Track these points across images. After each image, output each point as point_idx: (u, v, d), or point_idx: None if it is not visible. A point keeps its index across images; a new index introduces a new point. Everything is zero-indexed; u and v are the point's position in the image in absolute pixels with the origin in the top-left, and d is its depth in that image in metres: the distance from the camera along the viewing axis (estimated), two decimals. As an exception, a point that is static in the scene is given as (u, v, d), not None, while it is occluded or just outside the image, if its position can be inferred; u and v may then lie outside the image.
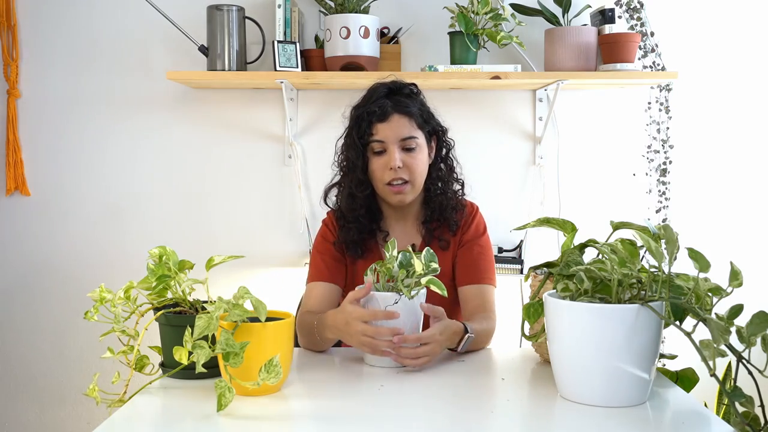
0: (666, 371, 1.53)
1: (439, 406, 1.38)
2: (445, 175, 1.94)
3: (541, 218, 1.51)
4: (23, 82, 2.72)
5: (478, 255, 1.90)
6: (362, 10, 2.54)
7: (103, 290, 1.47)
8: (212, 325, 1.29)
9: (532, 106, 2.74)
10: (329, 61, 2.53)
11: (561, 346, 1.34)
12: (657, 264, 1.27)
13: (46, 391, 2.79)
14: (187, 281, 1.48)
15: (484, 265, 1.90)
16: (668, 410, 1.35)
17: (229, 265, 2.43)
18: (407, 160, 1.84)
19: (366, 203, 1.90)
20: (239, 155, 2.75)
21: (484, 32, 2.51)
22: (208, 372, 1.36)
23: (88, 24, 2.72)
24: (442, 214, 1.91)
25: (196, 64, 2.66)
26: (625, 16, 2.60)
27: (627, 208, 2.70)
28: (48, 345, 2.79)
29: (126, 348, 1.48)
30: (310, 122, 2.75)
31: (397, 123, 1.84)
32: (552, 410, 1.34)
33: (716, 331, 1.17)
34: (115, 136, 2.74)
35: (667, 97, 2.67)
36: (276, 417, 1.30)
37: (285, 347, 1.39)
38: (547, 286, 1.49)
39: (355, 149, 1.86)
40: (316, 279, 1.90)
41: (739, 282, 1.24)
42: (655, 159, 2.70)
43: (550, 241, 2.73)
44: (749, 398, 1.19)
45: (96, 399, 1.39)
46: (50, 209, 2.76)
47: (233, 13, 2.54)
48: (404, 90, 1.89)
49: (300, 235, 2.75)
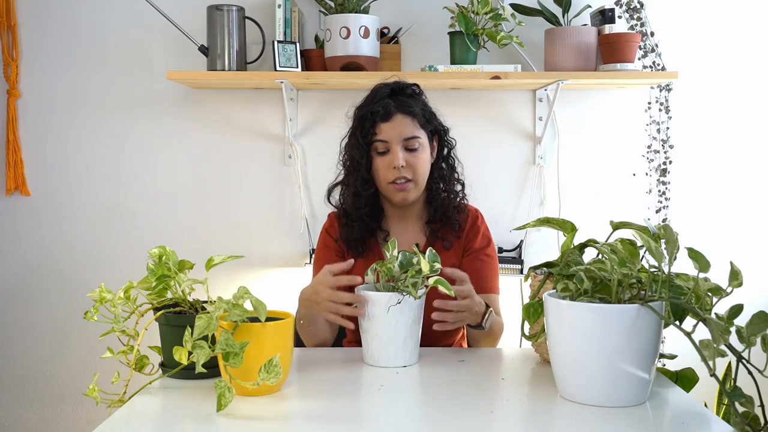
0: (666, 371, 1.53)
1: (439, 406, 1.38)
2: (447, 175, 1.96)
3: (541, 218, 1.51)
4: (23, 82, 2.73)
5: (485, 265, 1.93)
6: (362, 10, 2.54)
7: (102, 290, 1.47)
8: (212, 325, 1.29)
9: (532, 106, 2.74)
10: (329, 61, 2.53)
11: (561, 346, 1.34)
12: (657, 264, 1.27)
13: (46, 391, 2.79)
14: (187, 281, 1.48)
15: (490, 275, 1.93)
16: (668, 410, 1.35)
17: (229, 265, 2.45)
18: (410, 160, 1.85)
19: (370, 202, 1.91)
20: (239, 155, 2.75)
21: (484, 32, 2.51)
22: (208, 372, 1.36)
23: (88, 24, 2.72)
24: (445, 214, 1.92)
25: (196, 64, 2.66)
26: (625, 16, 2.60)
27: (627, 208, 2.70)
28: (48, 345, 2.78)
29: (126, 348, 1.48)
30: (310, 122, 2.75)
31: (400, 123, 1.85)
32: (552, 410, 1.34)
33: (716, 331, 1.17)
34: (116, 136, 2.74)
35: (667, 97, 2.67)
36: (276, 417, 1.30)
37: (285, 347, 1.39)
38: (547, 286, 1.49)
39: (358, 149, 1.87)
40: None
41: (739, 282, 1.24)
42: (655, 159, 2.70)
43: (550, 241, 2.73)
44: (749, 398, 1.18)
45: (96, 399, 1.39)
46: (50, 209, 2.76)
47: (233, 13, 2.54)
48: (407, 90, 1.91)
49: (300, 235, 2.75)
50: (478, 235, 1.95)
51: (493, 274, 1.94)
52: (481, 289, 1.89)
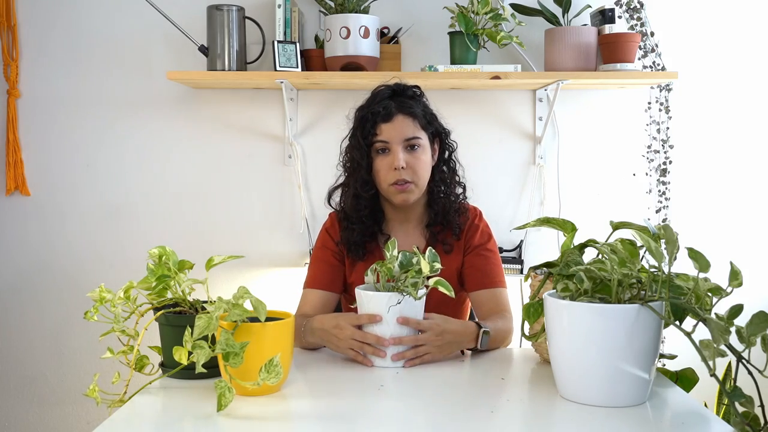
0: (666, 371, 1.53)
1: (439, 405, 1.38)
2: (448, 177, 1.95)
3: (541, 218, 1.51)
4: (23, 82, 2.72)
5: (487, 260, 1.92)
6: (362, 10, 2.54)
7: (102, 290, 1.47)
8: (212, 325, 1.29)
9: (532, 106, 2.74)
10: (329, 61, 2.53)
11: (561, 346, 1.34)
12: (657, 264, 1.27)
13: (46, 391, 2.79)
14: (186, 281, 1.48)
15: (493, 269, 1.92)
16: (668, 410, 1.35)
17: (229, 265, 2.45)
18: (411, 161, 1.84)
19: (370, 204, 1.91)
20: (239, 155, 2.75)
21: (484, 32, 2.51)
22: (208, 372, 1.36)
23: (88, 24, 2.71)
24: (445, 217, 1.92)
25: (196, 64, 2.65)
26: (625, 16, 2.60)
27: (627, 208, 2.70)
28: (48, 345, 2.78)
29: (126, 348, 1.48)
30: (310, 122, 2.75)
31: (401, 123, 1.85)
32: (552, 410, 1.34)
33: (716, 331, 1.17)
34: (115, 136, 2.74)
35: (667, 97, 2.67)
36: (276, 417, 1.30)
37: (285, 347, 1.39)
38: (547, 286, 1.49)
39: (359, 150, 1.87)
40: (311, 286, 1.93)
41: (739, 282, 1.24)
42: (655, 159, 2.70)
43: (550, 241, 2.73)
44: (749, 398, 1.19)
45: (96, 399, 1.39)
46: (50, 209, 2.76)
47: (233, 13, 2.54)
48: (408, 92, 1.90)
49: (300, 235, 2.75)
50: (477, 232, 1.94)
51: (497, 269, 1.93)
52: (486, 284, 1.89)
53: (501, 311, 1.85)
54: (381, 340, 1.57)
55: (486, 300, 1.88)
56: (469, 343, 1.68)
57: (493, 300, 1.88)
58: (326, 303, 1.91)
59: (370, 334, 1.58)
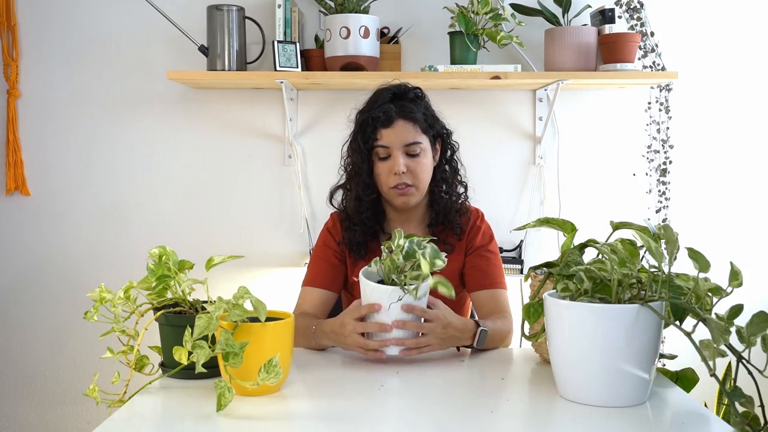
0: (666, 371, 1.53)
1: (439, 405, 1.38)
2: (450, 177, 1.95)
3: (541, 218, 1.51)
4: (23, 82, 2.72)
5: (488, 261, 1.92)
6: (362, 10, 2.54)
7: (102, 290, 1.47)
8: (212, 325, 1.29)
9: (532, 106, 2.74)
10: (329, 61, 2.53)
11: (561, 346, 1.34)
12: (657, 264, 1.27)
13: (46, 391, 2.79)
14: (187, 281, 1.48)
15: (494, 270, 1.92)
16: (668, 410, 1.35)
17: (229, 265, 2.45)
18: (411, 165, 1.85)
19: (372, 206, 1.91)
20: (239, 155, 2.75)
21: (484, 32, 2.51)
22: (208, 372, 1.36)
23: (88, 24, 2.71)
24: (447, 217, 1.92)
25: (196, 64, 2.65)
26: (625, 16, 2.60)
27: (627, 208, 2.70)
28: (48, 345, 2.78)
29: (126, 348, 1.48)
30: (310, 122, 2.75)
31: (401, 128, 1.84)
32: (552, 410, 1.34)
33: (716, 331, 1.17)
34: (115, 136, 2.74)
35: (667, 97, 2.67)
36: (276, 417, 1.30)
37: (285, 347, 1.39)
38: (547, 286, 1.49)
39: (360, 154, 1.87)
40: (311, 284, 1.93)
41: (739, 282, 1.24)
42: (655, 159, 2.70)
43: (550, 241, 2.73)
44: (749, 398, 1.18)
45: (96, 399, 1.39)
46: (50, 209, 2.76)
47: (233, 13, 2.54)
48: (409, 94, 1.90)
49: (300, 235, 2.75)
50: (479, 233, 1.95)
51: (498, 270, 1.93)
52: (487, 285, 1.90)
53: (501, 312, 1.86)
54: (384, 327, 1.56)
55: (486, 300, 1.89)
56: (467, 340, 1.68)
57: (493, 301, 1.88)
58: (325, 302, 1.91)
59: (372, 322, 1.58)
